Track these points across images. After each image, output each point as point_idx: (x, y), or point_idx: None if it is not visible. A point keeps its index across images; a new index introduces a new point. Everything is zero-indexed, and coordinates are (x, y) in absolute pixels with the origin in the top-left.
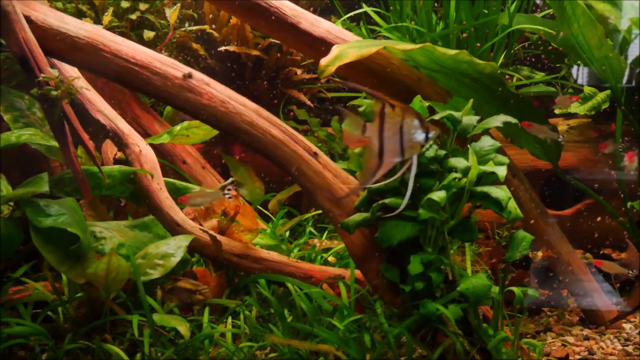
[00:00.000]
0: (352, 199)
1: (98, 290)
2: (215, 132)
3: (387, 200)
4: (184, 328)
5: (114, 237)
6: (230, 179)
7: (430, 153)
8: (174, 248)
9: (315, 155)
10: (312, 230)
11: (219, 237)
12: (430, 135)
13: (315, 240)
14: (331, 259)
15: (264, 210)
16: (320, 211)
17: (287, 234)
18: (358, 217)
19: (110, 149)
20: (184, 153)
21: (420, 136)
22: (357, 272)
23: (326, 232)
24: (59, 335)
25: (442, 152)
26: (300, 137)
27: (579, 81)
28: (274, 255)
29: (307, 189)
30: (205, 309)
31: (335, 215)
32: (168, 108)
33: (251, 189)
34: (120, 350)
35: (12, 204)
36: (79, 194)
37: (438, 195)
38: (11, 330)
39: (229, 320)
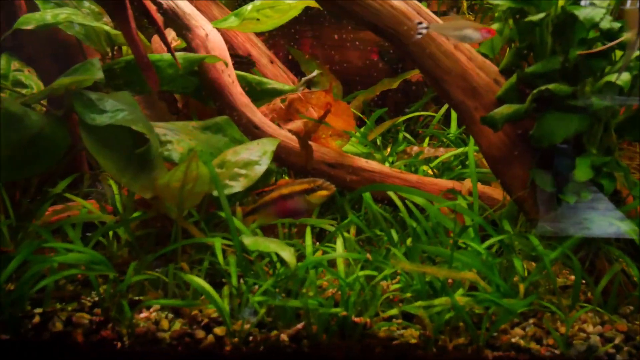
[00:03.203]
0: (491, 89)
1: (166, 207)
2: (292, 14)
3: (551, 86)
4: (287, 253)
5: (182, 140)
6: (316, 71)
7: (605, 24)
8: (258, 154)
9: None
10: (407, 135)
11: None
12: None
13: (415, 148)
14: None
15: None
16: (413, 114)
17: (379, 140)
18: (507, 109)
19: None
20: (248, 44)
21: None
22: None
23: (427, 139)
24: (117, 265)
25: (618, 25)
26: (426, 9)
27: None
28: (373, 165)
29: (435, 74)
30: (307, 229)
31: (470, 108)
32: None
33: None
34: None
35: (44, 102)
36: (131, 88)
37: (621, 79)
38: (63, 258)
39: (340, 242)
